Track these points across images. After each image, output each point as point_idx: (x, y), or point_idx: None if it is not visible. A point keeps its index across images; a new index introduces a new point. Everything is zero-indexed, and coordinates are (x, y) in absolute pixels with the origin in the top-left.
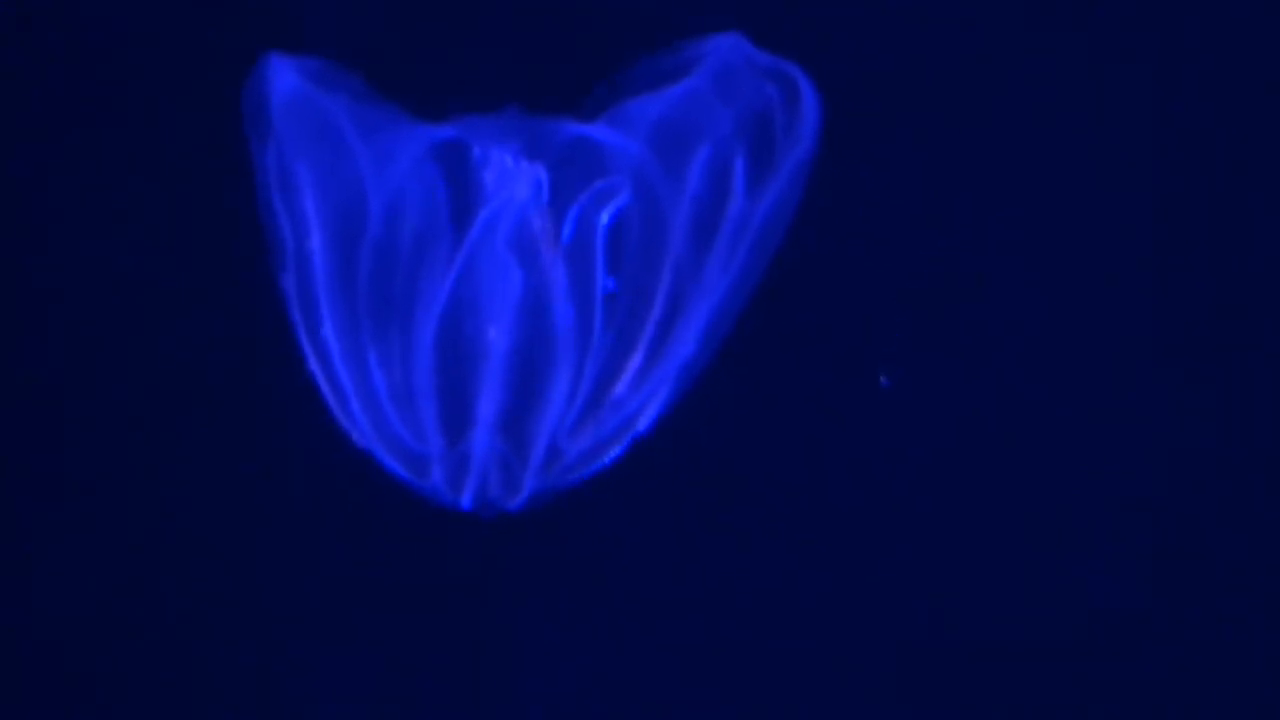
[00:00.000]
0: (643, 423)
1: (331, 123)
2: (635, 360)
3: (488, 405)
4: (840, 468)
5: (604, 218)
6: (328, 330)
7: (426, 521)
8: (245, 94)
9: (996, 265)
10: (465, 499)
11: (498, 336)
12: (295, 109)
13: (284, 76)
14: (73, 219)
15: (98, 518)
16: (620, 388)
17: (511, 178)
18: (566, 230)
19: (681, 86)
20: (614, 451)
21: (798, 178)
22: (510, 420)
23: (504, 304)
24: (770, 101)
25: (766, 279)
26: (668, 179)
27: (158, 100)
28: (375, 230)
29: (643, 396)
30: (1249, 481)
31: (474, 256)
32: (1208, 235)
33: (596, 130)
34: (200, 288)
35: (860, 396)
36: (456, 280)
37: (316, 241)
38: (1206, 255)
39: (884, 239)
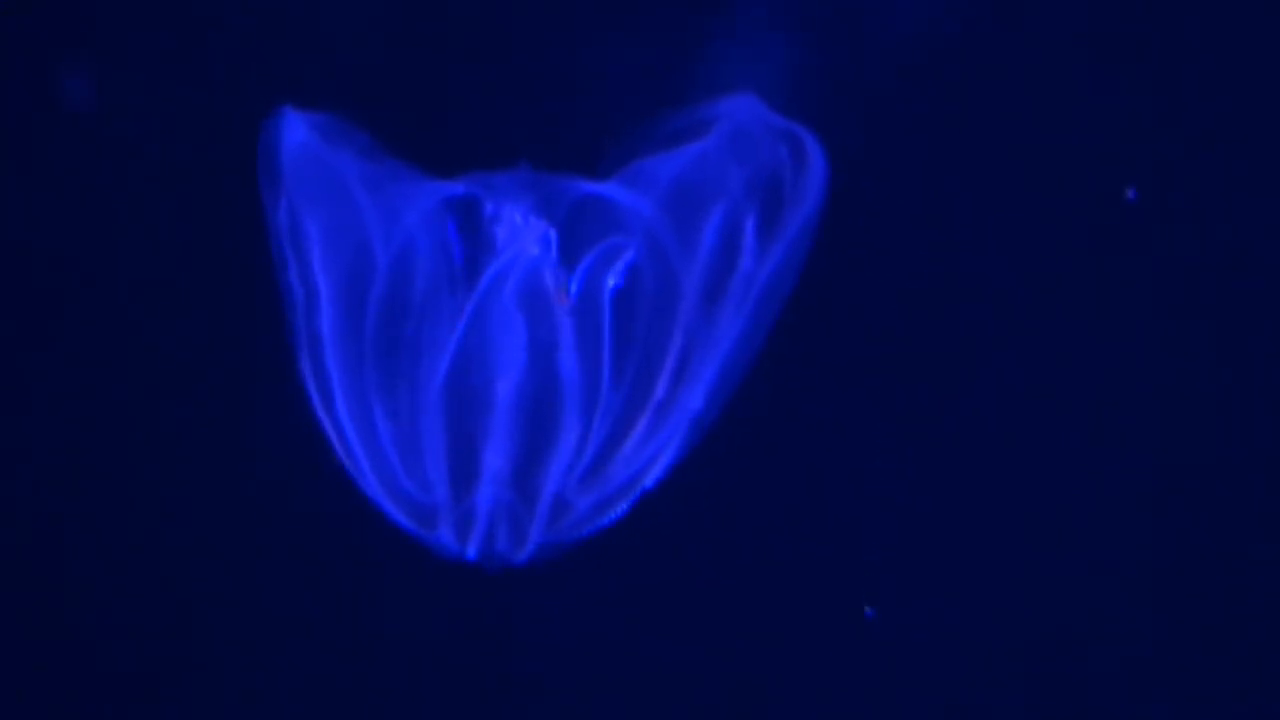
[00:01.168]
0: (650, 477)
1: (341, 177)
2: (644, 415)
3: (495, 458)
4: (848, 520)
5: (612, 276)
6: (335, 382)
7: (432, 573)
8: (259, 146)
9: (1002, 306)
10: (471, 551)
11: (505, 390)
12: (305, 163)
13: (295, 130)
14: (82, 253)
15: (96, 564)
16: (628, 442)
17: (521, 234)
18: (575, 287)
19: (696, 147)
20: (621, 506)
21: (804, 237)
22: (518, 473)
23: (512, 358)
24: (781, 162)
25: (772, 335)
26: (680, 238)
27: (174, 150)
28: (384, 284)
29: (651, 451)
30: (1249, 482)
31: (482, 311)
32: (1209, 235)
33: (609, 189)
34: (209, 335)
35: (867, 452)
36: (464, 334)
37: (325, 294)
38: (1208, 255)
39: (888, 293)
